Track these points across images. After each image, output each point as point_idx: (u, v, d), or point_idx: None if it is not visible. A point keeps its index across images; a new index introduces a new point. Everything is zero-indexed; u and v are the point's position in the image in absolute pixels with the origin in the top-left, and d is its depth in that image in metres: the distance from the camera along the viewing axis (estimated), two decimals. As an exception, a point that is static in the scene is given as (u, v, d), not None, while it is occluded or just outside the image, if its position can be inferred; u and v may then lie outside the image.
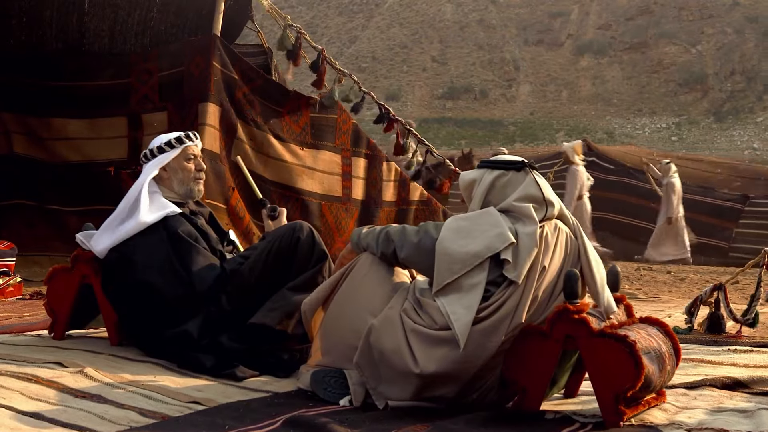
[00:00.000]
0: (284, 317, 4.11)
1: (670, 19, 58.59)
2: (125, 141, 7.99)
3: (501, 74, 60.45)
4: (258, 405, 3.54)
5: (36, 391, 3.47)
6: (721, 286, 5.47)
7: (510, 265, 3.52)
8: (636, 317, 3.84)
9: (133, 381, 3.74)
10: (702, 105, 55.21)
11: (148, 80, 7.88)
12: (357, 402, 3.60)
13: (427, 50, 60.71)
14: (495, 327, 3.48)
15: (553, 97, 59.18)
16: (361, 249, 3.87)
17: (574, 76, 59.49)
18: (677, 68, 57.04)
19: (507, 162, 3.78)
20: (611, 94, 57.95)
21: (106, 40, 8.05)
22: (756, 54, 55.12)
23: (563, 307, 3.46)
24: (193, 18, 8.12)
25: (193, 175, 4.49)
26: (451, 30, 62.69)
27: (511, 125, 56.30)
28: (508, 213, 3.65)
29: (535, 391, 3.54)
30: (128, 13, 7.93)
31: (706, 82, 55.64)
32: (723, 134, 52.35)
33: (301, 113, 8.19)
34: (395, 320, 3.59)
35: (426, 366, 3.47)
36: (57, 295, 4.51)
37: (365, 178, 8.65)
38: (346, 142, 8.48)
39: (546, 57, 60.75)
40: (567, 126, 55.78)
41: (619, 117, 56.45)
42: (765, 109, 52.96)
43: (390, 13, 63.20)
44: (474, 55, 61.39)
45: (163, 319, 4.16)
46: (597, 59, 59.36)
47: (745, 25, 56.17)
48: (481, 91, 59.28)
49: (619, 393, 3.35)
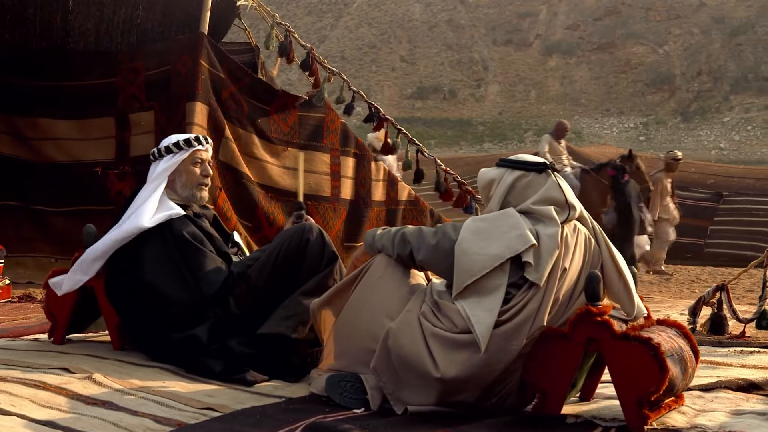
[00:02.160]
0: (299, 325, 4.01)
1: (638, 19, 58.94)
2: (113, 141, 7.86)
3: (470, 74, 60.58)
4: (273, 411, 3.46)
5: (46, 398, 3.37)
6: (723, 287, 5.43)
7: (531, 267, 3.45)
8: (653, 319, 3.78)
9: (142, 387, 3.65)
10: (669, 105, 55.62)
11: (135, 79, 7.76)
12: (374, 407, 3.52)
13: (396, 50, 60.73)
14: (516, 330, 3.42)
15: (522, 97, 59.40)
16: (375, 251, 3.79)
17: (543, 76, 59.74)
18: (645, 68, 57.42)
19: (528, 163, 3.71)
20: (579, 94, 58.24)
21: (92, 39, 7.89)
22: (722, 54, 55.59)
23: (585, 309, 3.40)
24: (180, 16, 7.99)
25: (197, 180, 4.38)
26: (420, 30, 62.73)
27: (480, 125, 56.43)
28: (528, 214, 3.58)
29: (556, 395, 3.48)
30: (113, 12, 7.79)
31: (673, 83, 56.06)
32: (690, 134, 52.76)
33: (289, 112, 8.09)
34: (413, 323, 3.51)
35: (447, 370, 3.39)
36: (57, 299, 4.40)
37: (354, 178, 8.57)
38: (335, 142, 8.40)
39: (514, 57, 60.94)
40: (535, 126, 55.98)
41: (587, 117, 56.74)
42: (731, 109, 53.42)
43: (359, 13, 63.15)
44: (443, 55, 61.48)
45: (169, 323, 4.06)
46: (565, 59, 59.63)
47: (711, 26, 56.61)
48: (450, 91, 59.39)
49: (643, 397, 3.29)
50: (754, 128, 51.48)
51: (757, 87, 53.60)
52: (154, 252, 4.12)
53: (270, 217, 7.76)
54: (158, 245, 4.13)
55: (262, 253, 4.19)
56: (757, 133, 51.26)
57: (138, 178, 7.69)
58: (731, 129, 52.22)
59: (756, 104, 52.79)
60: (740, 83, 54.02)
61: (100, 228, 7.73)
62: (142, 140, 7.78)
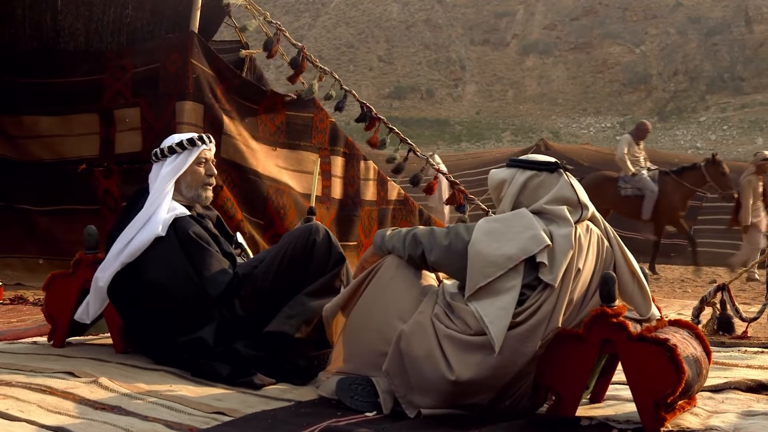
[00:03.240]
0: (303, 324, 3.95)
1: (615, 19, 59.13)
2: (97, 138, 7.75)
3: (447, 74, 60.58)
4: (285, 415, 3.40)
5: (53, 403, 3.30)
6: (724, 287, 5.42)
7: (546, 268, 3.41)
8: (665, 320, 3.75)
9: (149, 391, 3.58)
10: (646, 105, 55.81)
11: (122, 76, 7.67)
12: (386, 410, 3.47)
13: (374, 50, 60.67)
14: (531, 332, 3.38)
15: (499, 96, 59.44)
16: (385, 252, 3.74)
17: (520, 76, 59.81)
18: (621, 68, 57.60)
19: (539, 162, 3.66)
20: (556, 93, 58.35)
21: (82, 39, 7.80)
22: (698, 54, 55.84)
23: (601, 310, 3.36)
24: (169, 15, 7.92)
25: (202, 180, 4.31)
26: (398, 29, 62.70)
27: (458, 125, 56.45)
28: (541, 214, 3.54)
29: (571, 398, 3.44)
30: (103, 11, 7.70)
31: (649, 82, 56.25)
32: (666, 134, 52.94)
33: (277, 112, 8.02)
34: (426, 325, 3.46)
35: (461, 373, 3.35)
36: (57, 301, 4.33)
37: (342, 177, 8.51)
38: (324, 141, 8.33)
39: (492, 57, 61.01)
40: (513, 125, 56.07)
41: (564, 116, 56.85)
42: (707, 108, 53.67)
43: (336, 13, 63.06)
44: (420, 54, 61.46)
45: (174, 326, 3.99)
46: (542, 59, 59.73)
47: (687, 26, 56.88)
48: (428, 90, 59.37)
49: (660, 399, 3.26)
50: (730, 128, 51.73)
51: (733, 87, 53.90)
52: (159, 252, 4.04)
53: (281, 212, 7.68)
54: (163, 245, 4.05)
55: (267, 254, 4.13)
56: (733, 132, 51.51)
57: (123, 176, 7.62)
58: (707, 128, 52.45)
59: (732, 104, 53.07)
60: (716, 83, 54.30)
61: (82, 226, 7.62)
62: (127, 137, 7.70)
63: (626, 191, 13.93)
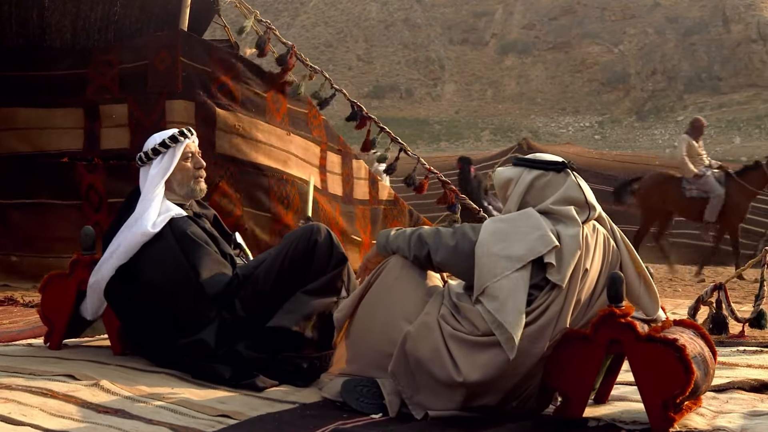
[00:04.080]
0: (301, 319, 3.90)
1: (593, 19, 59.26)
2: (81, 132, 7.64)
3: (426, 73, 60.56)
4: (290, 417, 3.37)
5: (56, 406, 3.25)
6: (721, 286, 5.41)
7: (554, 269, 3.39)
8: (670, 320, 3.73)
9: (152, 394, 3.53)
10: (624, 104, 55.96)
11: (108, 71, 7.58)
12: (392, 413, 3.44)
13: (353, 49, 60.60)
14: (540, 332, 3.35)
15: (478, 96, 59.46)
16: (389, 252, 3.70)
17: (499, 76, 59.85)
18: (600, 68, 57.73)
19: (546, 162, 3.64)
20: (535, 93, 58.42)
21: (69, 36, 7.71)
22: (676, 54, 56.05)
23: (609, 310, 3.34)
24: (158, 13, 7.84)
25: (192, 174, 4.26)
26: (377, 29, 62.62)
27: (437, 124, 56.44)
28: (548, 214, 3.51)
29: (578, 398, 3.42)
30: (90, 8, 7.62)
31: (628, 82, 56.40)
32: (645, 133, 53.11)
33: (280, 103, 7.95)
34: (433, 326, 3.43)
35: (469, 374, 3.32)
36: (53, 303, 4.26)
37: (341, 174, 8.46)
38: (322, 135, 8.29)
39: (471, 56, 61.02)
40: (492, 125, 56.11)
41: (543, 116, 56.93)
42: (685, 108, 53.85)
43: (315, 12, 62.94)
44: (399, 54, 61.40)
45: (174, 327, 3.94)
46: (521, 59, 59.79)
47: (665, 26, 57.09)
48: (407, 90, 59.32)
49: (668, 399, 3.24)
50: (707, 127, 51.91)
51: (711, 86, 54.13)
52: (156, 252, 3.99)
53: (284, 202, 7.62)
54: (160, 245, 4.00)
55: (268, 255, 4.08)
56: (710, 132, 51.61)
57: (109, 172, 7.53)
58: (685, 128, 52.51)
59: (709, 103, 53.29)
60: (694, 83, 54.53)
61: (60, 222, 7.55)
62: (114, 133, 7.61)
63: (691, 192, 13.48)
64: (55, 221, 7.56)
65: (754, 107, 51.78)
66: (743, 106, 52.11)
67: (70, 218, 7.47)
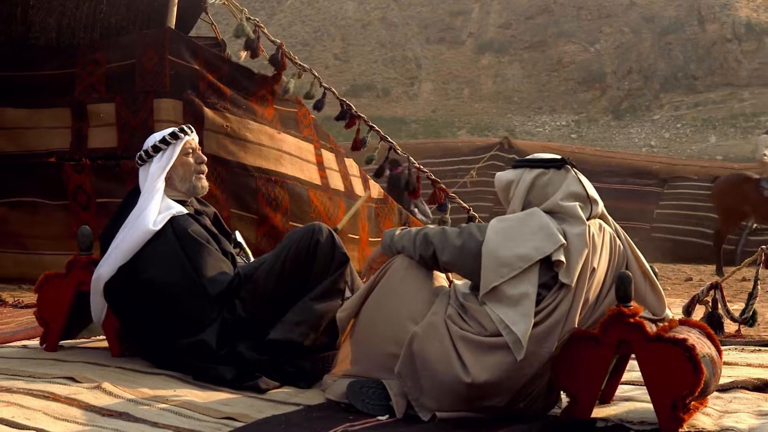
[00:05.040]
0: (311, 331, 3.86)
1: (569, 18, 59.32)
2: (68, 131, 7.57)
3: (403, 72, 60.43)
4: (297, 419, 3.33)
5: (59, 410, 3.20)
6: (717, 285, 5.40)
7: (563, 268, 3.36)
8: (675, 320, 3.72)
9: (155, 396, 3.49)
10: (600, 103, 56.03)
11: (95, 70, 7.51)
12: (399, 414, 3.41)
13: (329, 48, 60.37)
14: (548, 332, 3.34)
15: (455, 95, 59.37)
16: (394, 252, 3.67)
17: (476, 74, 59.79)
18: (576, 67, 57.78)
19: (546, 160, 3.62)
20: (512, 92, 58.40)
21: (54, 34, 7.63)
22: (652, 53, 56.20)
23: (617, 310, 3.32)
24: (145, 11, 7.77)
25: (194, 170, 4.21)
26: (353, 28, 62.42)
27: (414, 123, 56.35)
28: (553, 214, 3.49)
29: (586, 399, 3.41)
30: (76, 6, 7.53)
31: (604, 81, 56.48)
32: (621, 132, 53.24)
33: (268, 103, 7.89)
34: (440, 327, 3.41)
35: (478, 375, 3.29)
36: (50, 304, 4.19)
37: (339, 171, 8.41)
38: (313, 134, 8.24)
39: (447, 55, 60.94)
40: (469, 124, 56.08)
41: (519, 115, 56.93)
42: (661, 107, 54.02)
43: (292, 11, 62.67)
44: (376, 53, 61.24)
45: (174, 328, 3.89)
46: (498, 57, 59.74)
47: (641, 25, 57.24)
48: (384, 89, 59.14)
49: (678, 399, 3.23)
50: (683, 126, 52.17)
51: (686, 85, 54.31)
52: (157, 251, 3.93)
53: (273, 203, 7.54)
54: (161, 244, 3.94)
55: (269, 255, 4.04)
56: (686, 130, 51.95)
57: (96, 172, 7.46)
58: (661, 127, 52.83)
59: (685, 102, 53.47)
60: (670, 82, 54.68)
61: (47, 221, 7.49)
62: (101, 132, 7.55)
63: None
64: (41, 219, 7.51)
65: (729, 106, 52.01)
66: (719, 105, 52.32)
67: (57, 218, 7.42)
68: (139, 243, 3.94)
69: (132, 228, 3.97)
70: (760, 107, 51.81)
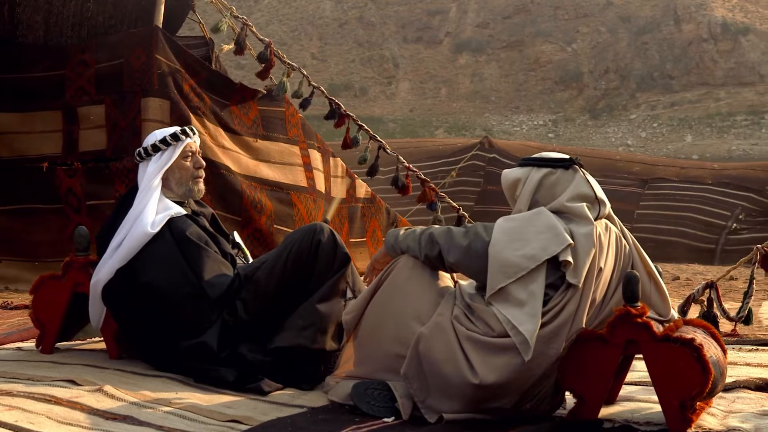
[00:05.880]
0: (318, 334, 3.82)
1: (546, 18, 59.52)
2: (60, 135, 7.50)
3: (380, 71, 60.47)
4: (303, 422, 3.29)
5: (62, 413, 3.14)
6: (712, 284, 5.40)
7: (571, 268, 3.34)
8: (680, 320, 3.70)
9: (157, 399, 3.44)
10: (577, 102, 56.27)
11: (85, 72, 7.44)
12: (405, 416, 3.38)
13: (307, 47, 60.36)
14: (556, 333, 3.31)
15: (432, 94, 59.46)
16: (398, 252, 3.63)
17: (453, 74, 59.89)
18: (553, 66, 58.00)
19: (554, 159, 3.58)
20: (489, 91, 58.55)
21: (41, 32, 7.53)
22: (629, 53, 56.45)
23: (625, 310, 3.31)
24: (132, 9, 7.69)
25: (191, 174, 4.15)
26: (331, 27, 62.44)
27: (391, 122, 56.38)
28: (560, 214, 3.46)
29: (594, 400, 3.39)
30: (63, 4, 7.43)
31: (581, 80, 56.72)
32: (598, 131, 53.47)
33: (249, 106, 7.85)
34: (446, 328, 3.37)
35: (486, 376, 3.27)
36: (45, 306, 4.13)
37: (323, 171, 8.37)
38: (299, 134, 8.19)
39: (425, 55, 61.02)
40: (446, 123, 56.18)
41: (497, 114, 57.09)
42: (638, 106, 54.30)
43: (269, 10, 62.62)
44: (353, 52, 61.27)
45: (174, 330, 3.84)
46: (475, 57, 59.89)
47: (618, 25, 57.48)
48: (361, 88, 59.18)
49: (686, 400, 3.22)
50: (660, 125, 52.45)
51: (663, 85, 54.58)
52: (156, 254, 3.88)
53: (257, 206, 7.48)
54: (160, 246, 3.89)
55: (269, 256, 3.99)
56: (662, 130, 52.24)
57: (88, 175, 7.41)
58: (638, 126, 53.09)
59: (661, 102, 53.76)
60: (646, 81, 54.95)
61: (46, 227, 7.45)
62: (92, 135, 7.46)
63: None
64: (38, 225, 7.45)
65: (705, 106, 52.36)
66: (695, 105, 52.67)
67: (50, 222, 7.37)
68: (137, 246, 3.89)
69: (130, 230, 3.91)
70: (735, 106, 52.21)
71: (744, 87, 52.39)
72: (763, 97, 51.66)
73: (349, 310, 3.67)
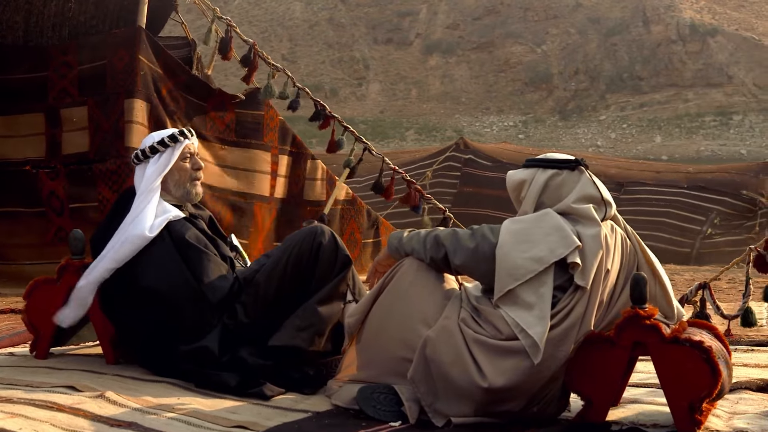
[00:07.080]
0: (315, 336, 3.78)
1: (516, 19, 59.70)
2: (43, 138, 7.44)
3: (351, 73, 60.43)
4: (309, 427, 3.25)
5: (65, 420, 3.08)
6: (705, 285, 5.39)
7: (579, 269, 3.32)
8: (685, 321, 3.68)
9: (160, 405, 3.38)
10: (547, 104, 56.47)
11: (67, 73, 7.37)
12: (411, 420, 3.34)
13: (277, 48, 60.08)
14: (565, 335, 3.29)
15: (403, 95, 59.49)
16: (402, 254, 3.59)
17: (423, 75, 59.95)
18: (523, 67, 58.17)
19: (559, 160, 3.56)
20: (459, 92, 58.64)
21: (21, 33, 7.44)
22: (598, 54, 56.72)
23: (633, 312, 3.28)
24: (114, 10, 7.61)
25: (190, 176, 4.09)
26: (301, 28, 62.32)
27: (362, 123, 56.25)
28: (567, 215, 3.44)
29: (601, 402, 3.37)
30: (44, 4, 7.35)
31: (551, 82, 56.93)
32: (568, 132, 53.70)
33: (226, 110, 7.81)
34: (454, 331, 3.34)
35: (494, 379, 3.23)
36: (40, 310, 4.04)
37: (287, 176, 8.29)
38: (274, 140, 8.13)
39: (395, 56, 61.04)
40: (417, 124, 56.23)
41: (467, 115, 57.19)
42: (607, 107, 54.57)
43: (239, 11, 62.31)
44: (324, 53, 61.18)
45: (174, 335, 3.78)
46: (445, 58, 59.97)
47: (587, 26, 57.75)
48: (332, 89, 59.06)
49: (694, 401, 3.20)
50: (629, 126, 52.75)
51: (632, 86, 54.88)
52: (155, 258, 3.82)
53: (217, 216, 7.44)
54: (158, 249, 3.83)
55: (268, 259, 3.94)
56: (632, 131, 52.54)
57: (71, 178, 7.34)
58: (607, 127, 53.36)
59: (631, 103, 54.06)
60: (615, 82, 55.24)
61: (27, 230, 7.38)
62: (74, 137, 7.41)
63: None
64: (20, 228, 7.41)
65: (674, 107, 52.71)
66: (664, 106, 52.99)
67: (34, 226, 7.30)
68: (135, 249, 3.82)
69: (127, 233, 3.85)
70: (704, 107, 52.57)
71: (712, 88, 52.77)
72: (731, 98, 52.06)
73: (351, 313, 3.62)
